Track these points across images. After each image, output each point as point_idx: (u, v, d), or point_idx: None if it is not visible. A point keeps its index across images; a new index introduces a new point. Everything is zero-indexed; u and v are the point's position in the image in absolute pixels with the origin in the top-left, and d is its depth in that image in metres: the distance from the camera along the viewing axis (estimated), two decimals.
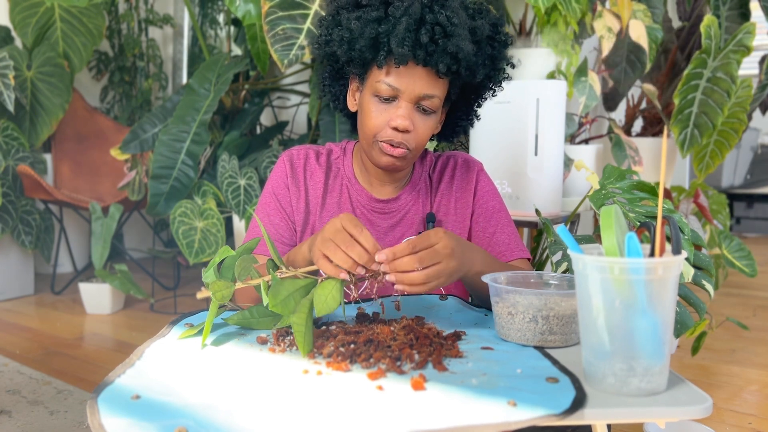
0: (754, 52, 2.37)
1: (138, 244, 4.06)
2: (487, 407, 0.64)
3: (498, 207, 1.19)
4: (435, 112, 1.06)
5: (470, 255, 0.96)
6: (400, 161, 1.07)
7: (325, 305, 0.82)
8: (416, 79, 1.01)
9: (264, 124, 3.81)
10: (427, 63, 0.99)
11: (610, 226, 0.69)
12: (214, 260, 0.88)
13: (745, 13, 2.53)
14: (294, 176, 1.17)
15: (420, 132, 1.05)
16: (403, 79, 1.01)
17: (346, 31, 1.02)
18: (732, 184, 5.25)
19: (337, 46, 1.04)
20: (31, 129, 3.18)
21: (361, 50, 1.01)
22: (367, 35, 1.00)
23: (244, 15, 2.48)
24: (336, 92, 1.17)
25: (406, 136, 1.04)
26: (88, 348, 2.38)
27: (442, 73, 1.00)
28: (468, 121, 1.18)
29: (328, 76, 1.16)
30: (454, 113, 1.16)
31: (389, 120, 1.03)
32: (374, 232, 1.16)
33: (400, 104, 1.03)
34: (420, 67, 1.01)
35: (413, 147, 1.06)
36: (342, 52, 1.04)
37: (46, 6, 3.14)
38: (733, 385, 1.96)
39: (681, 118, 2.29)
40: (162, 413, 0.64)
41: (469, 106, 1.15)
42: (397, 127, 1.02)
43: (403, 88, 1.02)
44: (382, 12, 1.00)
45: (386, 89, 1.02)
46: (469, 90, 1.12)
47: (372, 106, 1.05)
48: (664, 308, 0.67)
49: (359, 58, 1.03)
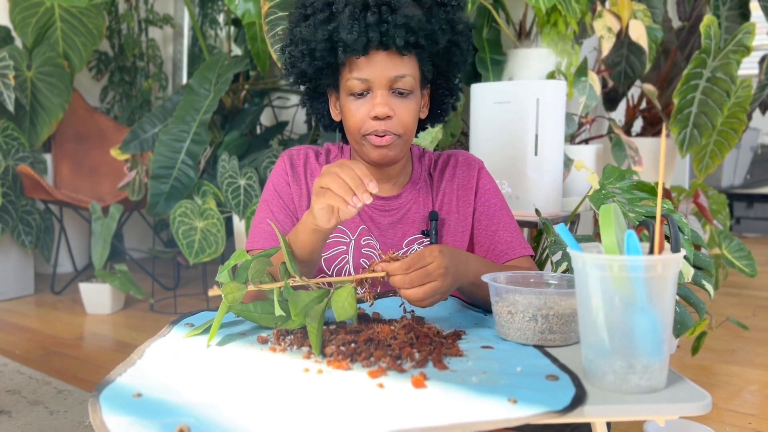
0: (754, 52, 2.37)
1: (138, 244, 4.06)
2: (487, 404, 0.64)
3: (500, 205, 1.19)
4: (412, 93, 1.07)
5: (464, 268, 0.96)
6: (391, 150, 1.07)
7: (344, 311, 0.84)
8: (381, 64, 1.03)
9: (264, 124, 3.81)
10: (384, 43, 1.01)
11: (610, 224, 0.69)
12: (229, 262, 0.89)
13: (745, 13, 2.53)
14: (295, 174, 1.18)
15: (402, 116, 1.06)
16: (370, 69, 1.03)
17: (302, 43, 1.06)
18: (732, 184, 5.26)
19: (300, 62, 1.08)
20: (31, 129, 3.18)
21: (322, 56, 1.04)
22: (320, 38, 1.03)
23: (244, 14, 2.49)
24: (319, 109, 1.18)
25: (390, 123, 1.05)
26: (88, 348, 2.39)
27: (401, 48, 1.02)
28: (453, 97, 1.18)
29: (308, 97, 1.18)
30: (437, 92, 1.17)
31: (368, 112, 1.05)
32: (376, 230, 1.16)
33: (375, 94, 1.05)
34: (381, 52, 1.03)
35: (401, 132, 1.06)
36: (306, 65, 1.07)
37: (46, 6, 3.14)
38: (733, 385, 1.96)
39: (680, 118, 2.29)
40: (163, 411, 0.64)
41: (448, 80, 1.16)
42: (377, 115, 1.04)
43: (371, 78, 1.04)
44: (327, 12, 1.04)
45: (357, 84, 1.04)
46: (442, 63, 1.12)
47: (350, 105, 1.07)
48: (664, 306, 0.68)
49: (323, 65, 1.06)
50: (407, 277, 0.88)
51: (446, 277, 0.90)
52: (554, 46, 2.09)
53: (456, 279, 0.93)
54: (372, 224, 1.17)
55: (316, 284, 0.90)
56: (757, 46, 2.49)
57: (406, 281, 0.88)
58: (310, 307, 0.86)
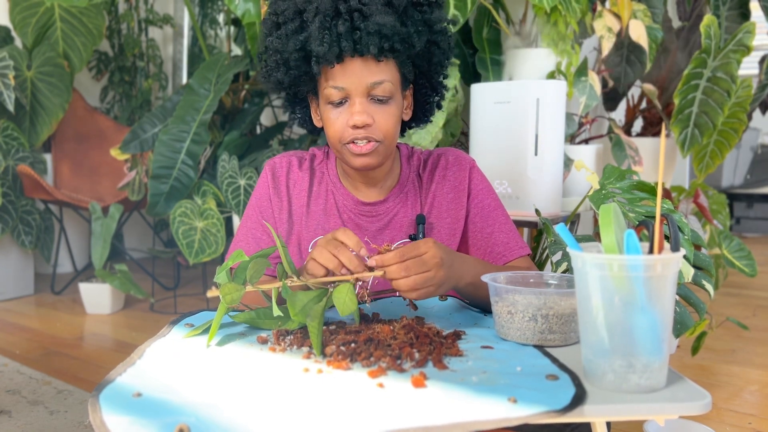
0: (754, 52, 2.37)
1: (138, 244, 4.06)
2: (487, 404, 0.64)
3: (494, 205, 1.17)
4: (392, 98, 1.04)
5: (460, 266, 0.95)
6: (373, 157, 1.05)
7: (346, 306, 0.85)
8: (357, 72, 1.01)
9: (264, 124, 3.81)
10: (358, 50, 0.99)
11: (609, 223, 0.69)
12: (227, 263, 0.89)
13: (745, 13, 2.53)
14: (276, 187, 1.17)
15: (382, 122, 1.04)
16: (346, 78, 1.01)
17: (275, 54, 1.05)
18: (732, 184, 5.26)
19: (275, 71, 1.06)
20: (31, 129, 3.18)
21: (296, 65, 1.03)
22: (291, 48, 1.01)
23: (244, 14, 2.49)
24: (301, 115, 1.17)
25: (370, 130, 1.03)
26: (88, 348, 2.39)
27: (376, 55, 0.99)
28: (437, 95, 1.16)
29: (288, 103, 1.17)
30: (420, 91, 1.14)
31: (347, 121, 1.03)
32: (362, 236, 1.15)
33: (353, 102, 1.03)
34: (357, 59, 1.00)
35: (381, 138, 1.04)
36: (282, 75, 1.06)
37: (46, 6, 3.14)
38: (733, 385, 1.96)
39: (681, 118, 2.29)
40: (163, 411, 0.64)
41: (431, 78, 1.13)
42: (356, 124, 1.02)
43: (348, 86, 1.01)
44: (298, 22, 1.01)
45: (334, 93, 1.02)
46: (423, 63, 1.09)
47: (329, 113, 1.05)
48: (663, 305, 0.68)
49: (298, 74, 1.04)
50: (402, 266, 0.87)
51: (441, 267, 0.89)
52: (554, 46, 2.09)
53: (451, 274, 0.92)
54: (359, 231, 1.15)
55: (315, 284, 0.90)
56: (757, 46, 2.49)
57: (402, 269, 0.87)
58: (309, 307, 0.86)
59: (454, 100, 2.13)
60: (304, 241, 1.16)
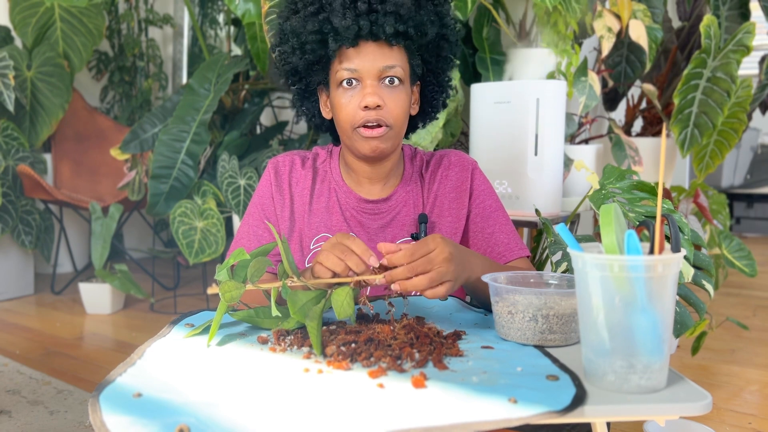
0: (754, 52, 2.37)
1: (138, 244, 4.06)
2: (488, 404, 0.64)
3: (495, 206, 1.18)
4: (402, 83, 1.07)
5: (470, 260, 0.96)
6: (383, 142, 1.07)
7: (343, 310, 0.85)
8: (371, 55, 1.04)
9: (264, 124, 3.81)
10: (374, 32, 1.03)
11: (610, 223, 0.69)
12: (229, 260, 0.89)
13: (745, 13, 2.53)
14: (279, 185, 1.18)
15: (392, 106, 1.06)
16: (359, 60, 1.05)
17: (292, 36, 1.07)
18: (732, 184, 5.25)
19: (291, 56, 1.09)
20: (31, 129, 3.18)
21: (312, 49, 1.06)
22: (310, 29, 1.04)
23: (244, 13, 2.49)
24: (310, 110, 1.18)
25: (381, 113, 1.05)
26: (88, 348, 2.39)
27: (390, 36, 1.03)
28: (443, 94, 1.18)
29: (298, 97, 1.17)
30: (427, 88, 1.17)
31: (359, 103, 1.05)
32: (364, 234, 1.15)
33: (365, 84, 1.05)
34: (371, 43, 1.05)
35: (391, 123, 1.06)
36: (297, 59, 1.08)
37: (46, 6, 3.14)
38: (733, 385, 1.96)
39: (681, 118, 2.29)
40: (163, 411, 0.64)
41: (438, 76, 1.16)
42: (368, 104, 1.04)
43: (361, 68, 1.05)
44: (317, 5, 1.05)
45: (347, 74, 1.05)
46: (431, 57, 1.12)
47: (340, 98, 1.07)
48: (664, 306, 0.68)
49: (314, 59, 1.07)
50: (411, 266, 0.87)
51: (451, 262, 0.89)
52: (554, 46, 2.09)
53: (462, 268, 0.92)
54: (361, 229, 1.16)
55: (315, 285, 0.90)
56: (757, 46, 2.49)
57: (410, 270, 0.87)
58: (309, 307, 0.86)
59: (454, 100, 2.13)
60: (306, 239, 1.16)
